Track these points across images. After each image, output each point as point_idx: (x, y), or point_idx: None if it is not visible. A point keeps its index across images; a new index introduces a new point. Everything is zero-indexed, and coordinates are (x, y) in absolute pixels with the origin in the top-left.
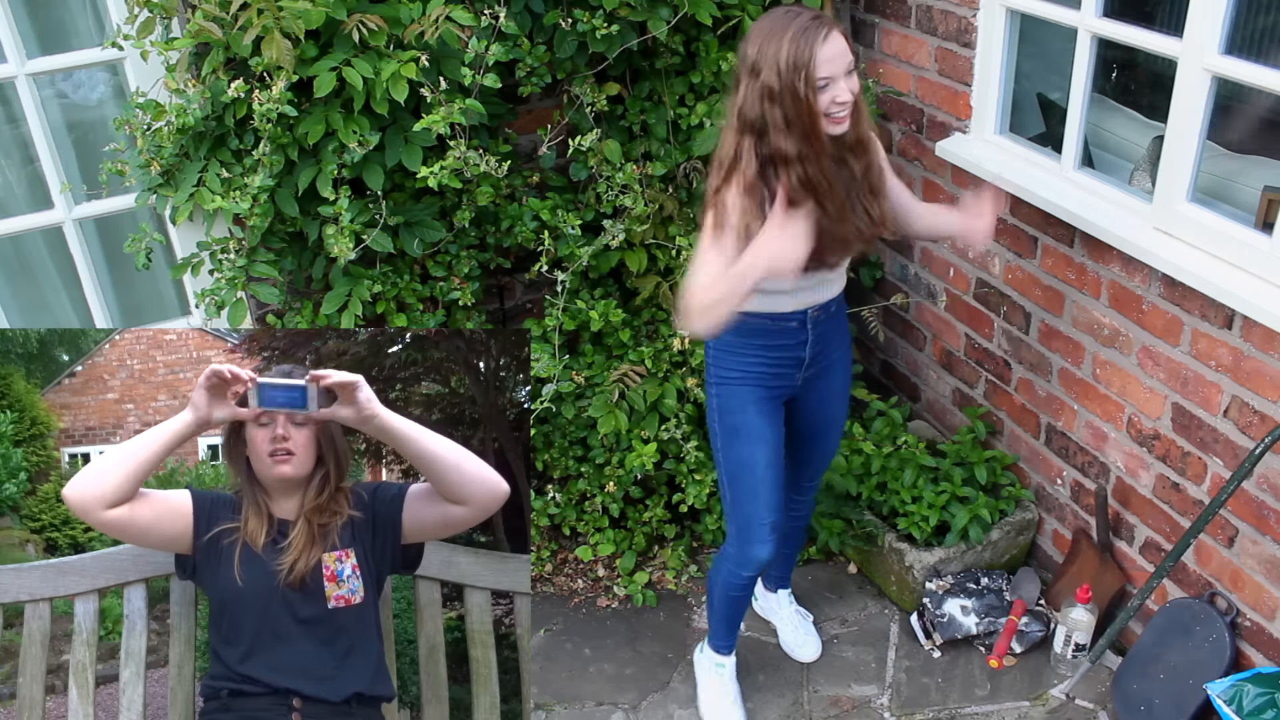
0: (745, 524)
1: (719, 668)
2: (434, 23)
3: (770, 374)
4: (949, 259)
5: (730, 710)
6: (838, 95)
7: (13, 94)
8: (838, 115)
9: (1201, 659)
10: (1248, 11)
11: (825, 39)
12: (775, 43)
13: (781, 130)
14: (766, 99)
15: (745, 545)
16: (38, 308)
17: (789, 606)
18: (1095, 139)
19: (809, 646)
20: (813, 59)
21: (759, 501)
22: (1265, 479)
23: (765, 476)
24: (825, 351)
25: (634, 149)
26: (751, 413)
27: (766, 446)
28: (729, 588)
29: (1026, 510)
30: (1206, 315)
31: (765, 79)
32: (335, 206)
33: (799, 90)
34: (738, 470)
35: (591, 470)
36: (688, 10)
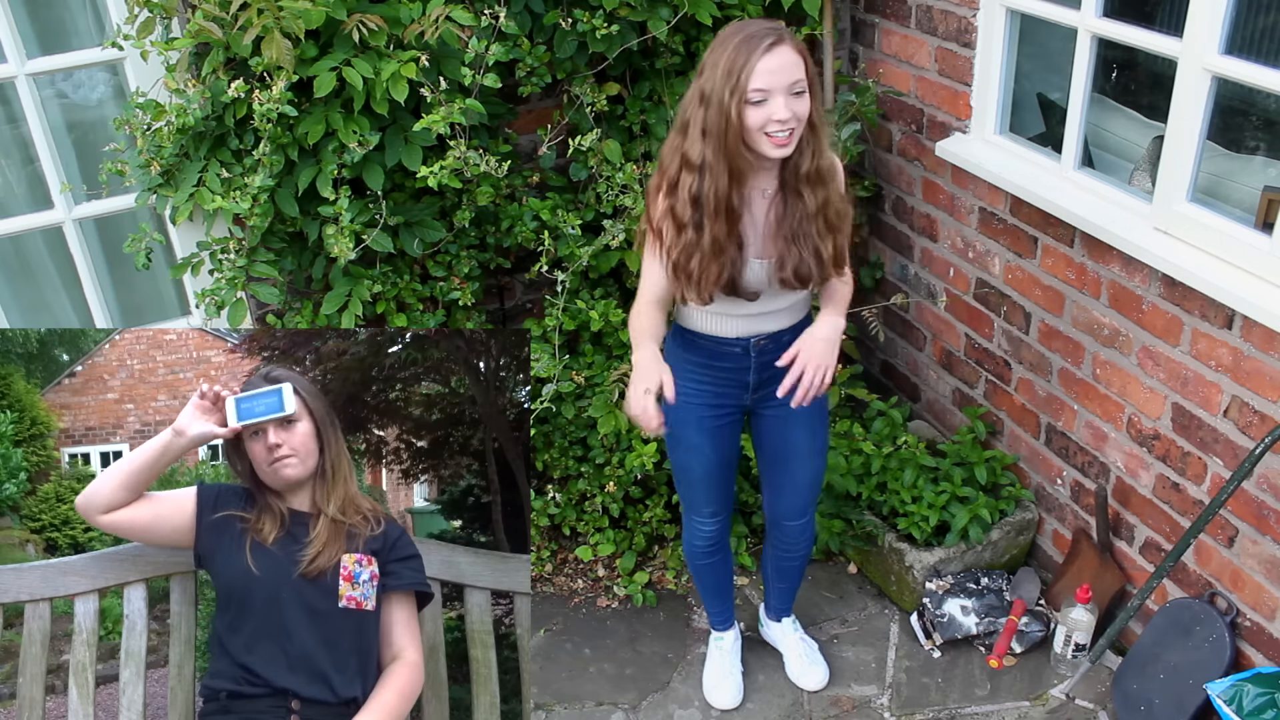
0: (689, 507)
1: (717, 641)
2: (434, 23)
3: (714, 391)
4: (949, 259)
5: (722, 682)
6: (775, 113)
7: (13, 94)
8: (777, 135)
9: (1201, 659)
10: (1248, 11)
11: (769, 50)
12: (723, 47)
13: (699, 135)
14: (698, 100)
15: (690, 520)
16: (38, 308)
17: (793, 634)
18: (1095, 139)
19: (812, 676)
20: (747, 68)
21: (697, 496)
22: (1265, 479)
23: (701, 479)
24: (779, 377)
25: (634, 149)
26: (691, 429)
27: (703, 458)
28: (691, 557)
29: (1026, 510)
30: (1206, 315)
31: (704, 80)
32: (335, 206)
33: (724, 98)
34: (678, 472)
35: (591, 470)
36: (688, 10)
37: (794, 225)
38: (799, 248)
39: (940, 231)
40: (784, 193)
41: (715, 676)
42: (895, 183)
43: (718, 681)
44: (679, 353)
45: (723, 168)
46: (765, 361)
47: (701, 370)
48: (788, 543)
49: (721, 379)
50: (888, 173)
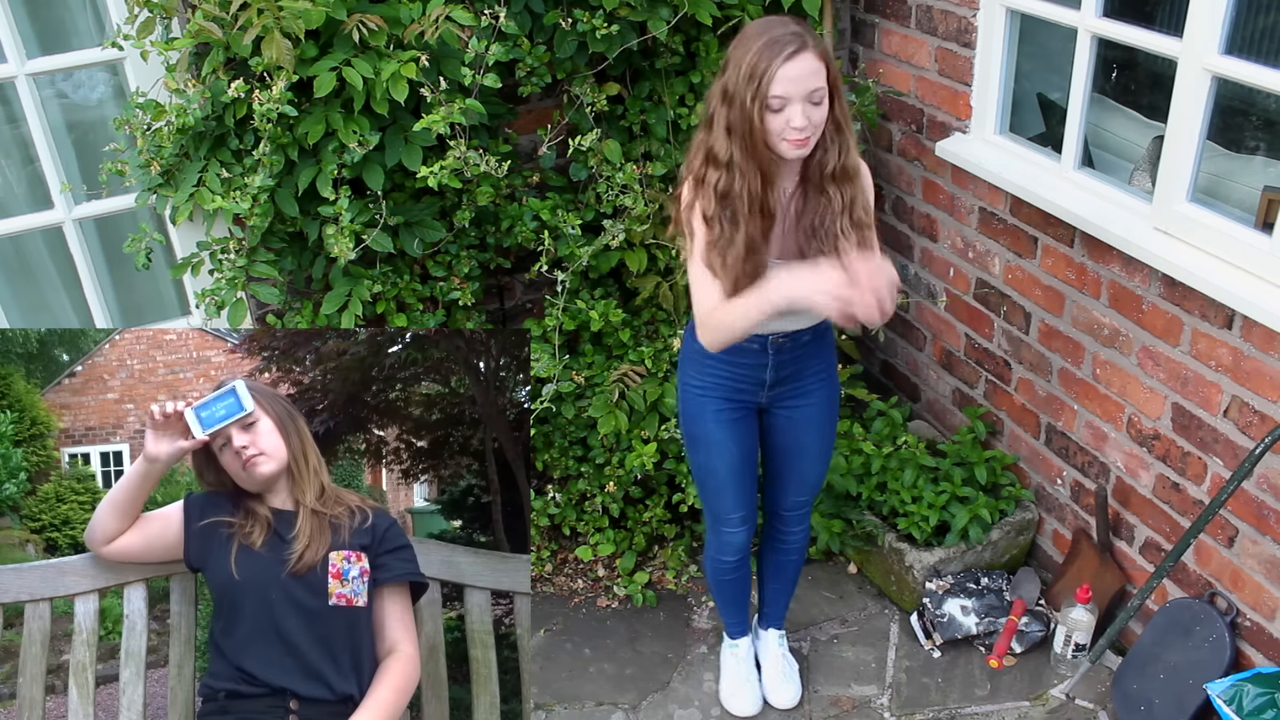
0: (715, 517)
1: (732, 648)
2: (434, 23)
3: (732, 387)
4: (949, 259)
5: (740, 689)
6: (792, 119)
7: (13, 94)
8: (795, 139)
9: (1201, 659)
10: (1248, 11)
11: (791, 57)
12: (747, 46)
13: (723, 132)
14: (721, 96)
15: (718, 533)
16: (38, 308)
17: (777, 649)
18: (1095, 139)
19: (785, 693)
20: (769, 73)
21: (725, 499)
22: (1265, 479)
23: (728, 479)
24: (795, 375)
25: (634, 149)
26: (710, 423)
27: (726, 454)
28: (716, 573)
29: (1026, 510)
30: (1206, 315)
31: (728, 78)
32: (335, 206)
33: (746, 100)
34: (702, 475)
35: (591, 470)
36: (688, 10)
37: (815, 222)
38: (820, 244)
39: (940, 231)
40: (806, 190)
41: (734, 684)
42: (895, 183)
43: (736, 689)
44: (690, 343)
45: (753, 168)
46: (782, 360)
47: (720, 366)
48: (786, 533)
49: (739, 375)
50: (888, 173)
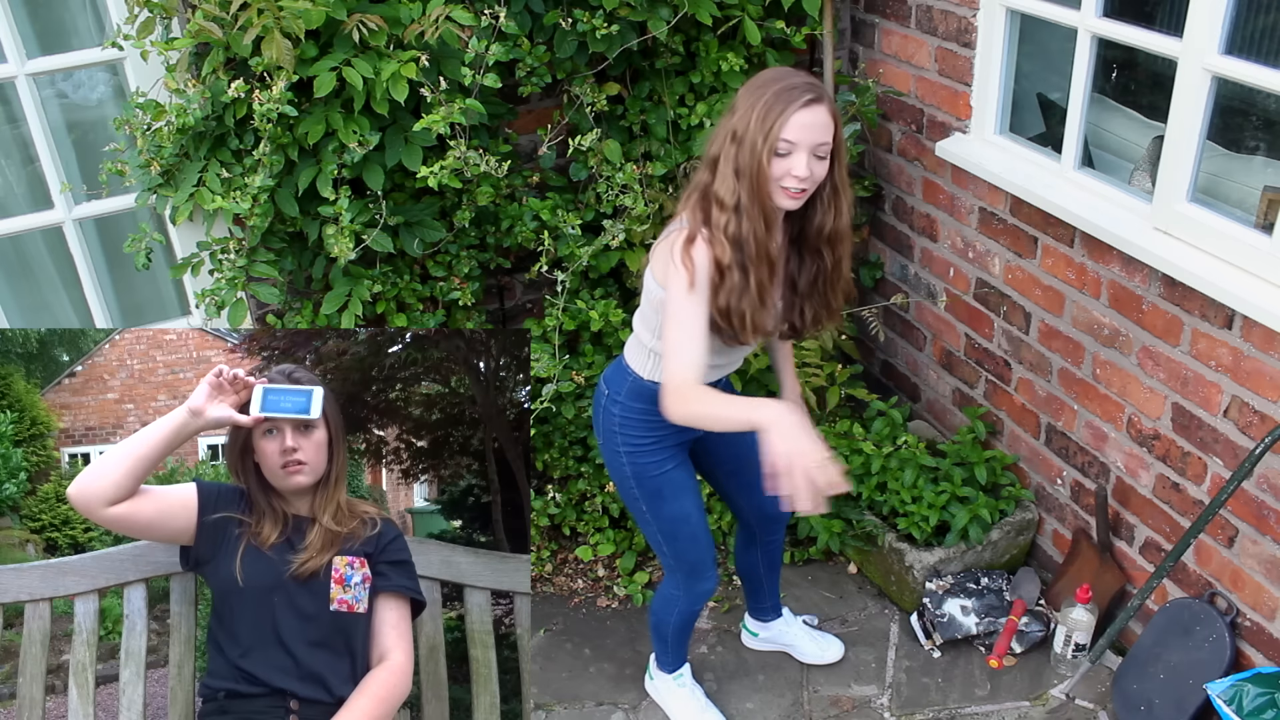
0: (693, 568)
1: (679, 679)
2: (434, 23)
3: (677, 430)
4: (949, 259)
5: (705, 713)
6: (794, 168)
7: (13, 94)
8: (791, 189)
9: (1201, 659)
10: (1248, 11)
11: (805, 106)
12: (761, 91)
13: (730, 173)
14: (730, 137)
15: (695, 584)
16: (38, 308)
17: (795, 623)
18: (1095, 139)
19: (833, 649)
20: (783, 117)
21: (700, 545)
22: (1265, 479)
23: (699, 521)
24: None
25: (634, 149)
26: (670, 469)
27: (690, 493)
28: (687, 619)
29: (1026, 510)
30: (1206, 315)
31: (737, 119)
32: (335, 206)
33: (756, 143)
34: (673, 526)
35: (591, 470)
36: (688, 10)
37: (810, 282)
38: (811, 303)
39: (940, 231)
40: (800, 250)
41: (688, 705)
42: (895, 183)
43: (690, 709)
44: (646, 407)
45: (758, 212)
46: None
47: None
48: (775, 530)
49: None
50: (888, 173)
